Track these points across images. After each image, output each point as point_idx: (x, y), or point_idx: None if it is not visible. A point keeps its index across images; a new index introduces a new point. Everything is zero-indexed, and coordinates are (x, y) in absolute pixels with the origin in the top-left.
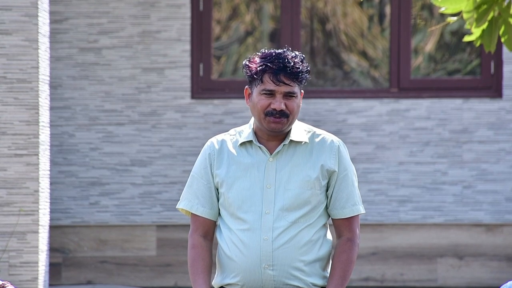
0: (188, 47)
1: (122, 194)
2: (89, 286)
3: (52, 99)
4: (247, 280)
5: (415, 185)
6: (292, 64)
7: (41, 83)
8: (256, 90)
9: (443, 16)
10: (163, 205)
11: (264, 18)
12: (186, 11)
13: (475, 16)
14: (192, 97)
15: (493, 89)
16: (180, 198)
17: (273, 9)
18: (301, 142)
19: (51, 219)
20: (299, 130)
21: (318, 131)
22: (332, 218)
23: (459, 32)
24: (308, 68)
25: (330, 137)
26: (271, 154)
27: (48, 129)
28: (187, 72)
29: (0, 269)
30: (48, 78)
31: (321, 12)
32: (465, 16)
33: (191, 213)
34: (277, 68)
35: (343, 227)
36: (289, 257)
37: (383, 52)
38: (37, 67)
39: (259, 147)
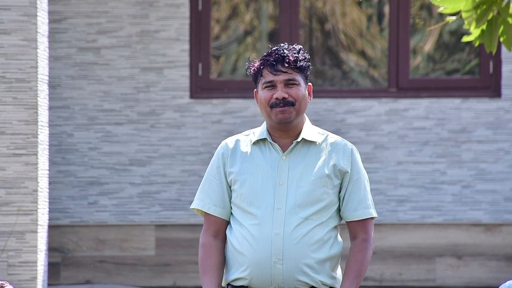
0: (187, 46)
1: (120, 193)
2: (88, 285)
3: (51, 98)
4: (256, 273)
5: (413, 185)
6: (287, 53)
7: (40, 82)
8: (259, 86)
9: (442, 15)
10: (161, 204)
11: (263, 17)
12: (185, 11)
13: (474, 16)
14: (191, 96)
15: (492, 89)
16: (194, 199)
17: (272, 9)
18: (314, 142)
19: (49, 219)
20: (312, 131)
21: (331, 134)
22: (346, 222)
23: (458, 32)
24: (307, 57)
25: (344, 141)
26: (284, 152)
27: (47, 128)
28: (186, 71)
29: None
30: (47, 78)
31: (320, 12)
32: (464, 15)
33: (204, 213)
34: (274, 59)
35: (358, 229)
36: (299, 253)
37: (382, 52)
38: (36, 67)
39: (272, 144)
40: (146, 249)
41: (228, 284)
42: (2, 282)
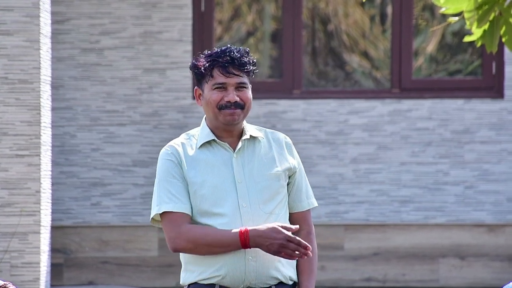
0: (189, 47)
1: (123, 194)
2: (91, 286)
3: (53, 99)
4: (230, 272)
5: (417, 186)
6: (239, 56)
7: (42, 83)
8: (207, 86)
9: (444, 16)
10: None
11: (265, 18)
12: (188, 12)
13: (476, 16)
14: (194, 97)
15: (495, 90)
16: (155, 204)
17: (274, 10)
18: (258, 138)
19: (52, 220)
20: (252, 128)
21: (267, 129)
22: (289, 213)
23: (461, 33)
24: (254, 61)
25: (281, 134)
26: (234, 151)
27: (50, 129)
28: (189, 72)
29: (1, 270)
30: (50, 79)
31: (322, 13)
32: (466, 16)
33: (169, 216)
34: (225, 61)
35: (301, 221)
36: None
37: (385, 53)
38: (39, 68)
39: (221, 144)
40: (149, 250)
41: (195, 283)
42: (5, 282)
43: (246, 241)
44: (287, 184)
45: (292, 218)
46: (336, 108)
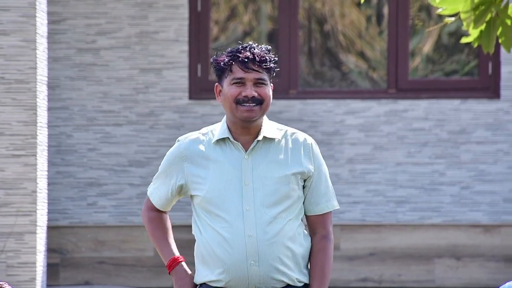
0: (186, 47)
1: (119, 194)
2: (87, 286)
3: (50, 99)
4: (233, 276)
5: (413, 186)
6: (259, 52)
7: (39, 83)
8: (226, 81)
9: (441, 17)
10: None
11: (262, 18)
12: (184, 12)
13: (472, 17)
14: (190, 97)
15: (491, 90)
16: (150, 185)
17: (271, 10)
18: (275, 139)
19: (48, 220)
20: (271, 128)
21: (290, 129)
22: (306, 215)
23: (457, 33)
24: (275, 59)
25: (302, 135)
26: (245, 151)
27: (46, 129)
28: (185, 72)
29: None
30: (46, 79)
31: (319, 13)
32: (462, 16)
33: (149, 199)
34: (245, 56)
35: (317, 224)
36: (274, 252)
37: (381, 53)
38: (35, 68)
39: (234, 144)
40: (145, 250)
41: (204, 284)
42: (1, 282)
43: (169, 268)
44: (304, 187)
45: (309, 221)
46: (332, 108)
